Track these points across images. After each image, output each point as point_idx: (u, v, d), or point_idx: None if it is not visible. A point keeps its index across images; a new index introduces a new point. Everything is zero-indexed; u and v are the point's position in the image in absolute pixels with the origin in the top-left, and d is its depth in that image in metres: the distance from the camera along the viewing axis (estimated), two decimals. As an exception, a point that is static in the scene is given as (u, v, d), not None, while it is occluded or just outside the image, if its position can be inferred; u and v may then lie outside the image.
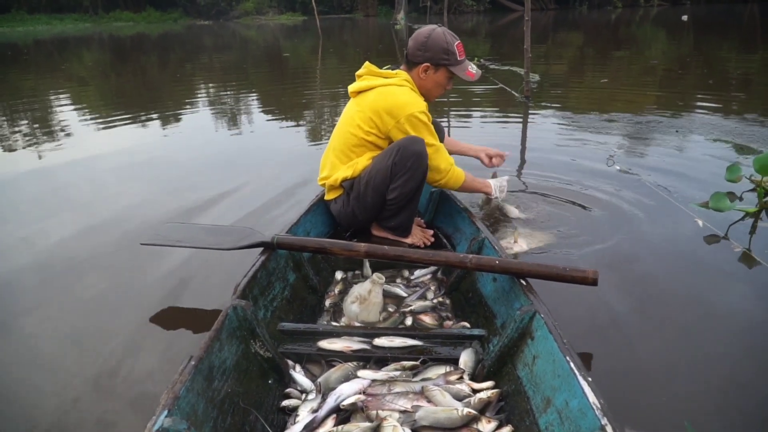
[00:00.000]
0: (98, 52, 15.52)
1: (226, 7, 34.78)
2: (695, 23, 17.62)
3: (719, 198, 2.52)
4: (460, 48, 1.98)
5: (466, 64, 2.01)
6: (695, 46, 11.29)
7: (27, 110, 6.31)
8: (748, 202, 2.64)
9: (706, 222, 2.42)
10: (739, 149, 3.56)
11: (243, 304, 1.33)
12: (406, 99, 1.92)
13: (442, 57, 1.95)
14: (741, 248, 2.21)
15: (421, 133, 1.92)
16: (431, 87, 2.02)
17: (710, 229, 2.37)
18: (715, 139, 3.85)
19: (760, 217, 2.52)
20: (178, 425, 0.98)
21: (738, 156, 3.39)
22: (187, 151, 4.29)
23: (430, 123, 1.96)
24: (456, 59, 1.97)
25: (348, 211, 2.06)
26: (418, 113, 1.90)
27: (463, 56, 1.99)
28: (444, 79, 2.01)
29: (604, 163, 3.36)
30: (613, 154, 3.56)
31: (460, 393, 1.27)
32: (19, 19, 31.00)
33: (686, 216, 2.52)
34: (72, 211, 2.95)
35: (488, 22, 24.36)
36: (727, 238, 2.31)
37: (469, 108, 5.61)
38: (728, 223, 2.45)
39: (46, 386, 1.55)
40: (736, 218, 2.51)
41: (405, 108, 1.90)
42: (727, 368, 1.54)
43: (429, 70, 1.98)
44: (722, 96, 5.51)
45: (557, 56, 10.55)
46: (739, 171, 2.78)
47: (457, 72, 1.98)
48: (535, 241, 2.28)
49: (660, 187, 2.89)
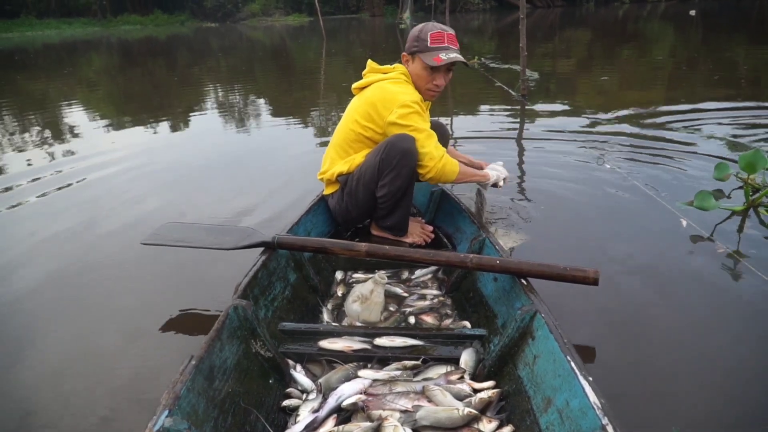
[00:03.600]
0: (106, 56, 15.66)
1: (233, 9, 34.95)
2: (704, 18, 17.46)
3: (704, 197, 2.47)
4: (435, 36, 1.92)
5: (437, 51, 1.91)
6: (703, 42, 11.19)
7: (36, 114, 6.38)
8: (737, 201, 2.60)
9: (691, 222, 2.37)
10: (732, 146, 3.51)
11: (244, 304, 1.33)
12: (398, 89, 1.93)
13: (413, 45, 1.96)
14: (725, 249, 2.15)
15: (411, 119, 1.89)
16: (416, 80, 2.01)
17: (695, 228, 2.33)
18: (709, 136, 3.81)
19: (748, 215, 2.47)
20: (179, 425, 0.98)
21: (730, 153, 3.33)
22: (194, 153, 4.31)
23: (422, 111, 1.93)
24: (425, 45, 1.92)
25: (342, 206, 2.08)
26: (410, 102, 1.89)
27: (438, 44, 1.92)
28: (421, 69, 1.96)
29: (594, 162, 3.34)
30: (605, 152, 3.53)
31: (460, 393, 1.27)
32: (29, 24, 31.33)
33: (671, 215, 2.48)
34: (76, 213, 2.97)
35: (494, 21, 24.31)
36: (711, 239, 2.26)
37: (465, 107, 5.60)
38: (715, 222, 2.40)
39: (44, 385, 1.56)
40: (724, 217, 2.46)
41: (397, 96, 1.90)
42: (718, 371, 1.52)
43: (408, 60, 2.00)
44: (726, 93, 5.44)
45: (562, 54, 10.49)
46: (727, 169, 2.72)
47: (424, 59, 1.92)
48: (510, 241, 2.27)
49: (648, 186, 2.86)
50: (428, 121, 1.98)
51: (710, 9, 22.70)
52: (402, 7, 27.80)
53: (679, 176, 3.02)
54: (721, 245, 2.19)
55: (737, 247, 2.19)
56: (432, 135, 1.93)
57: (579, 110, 5.03)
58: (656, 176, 3.03)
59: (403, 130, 1.89)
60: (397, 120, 1.88)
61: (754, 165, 2.56)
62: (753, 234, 2.33)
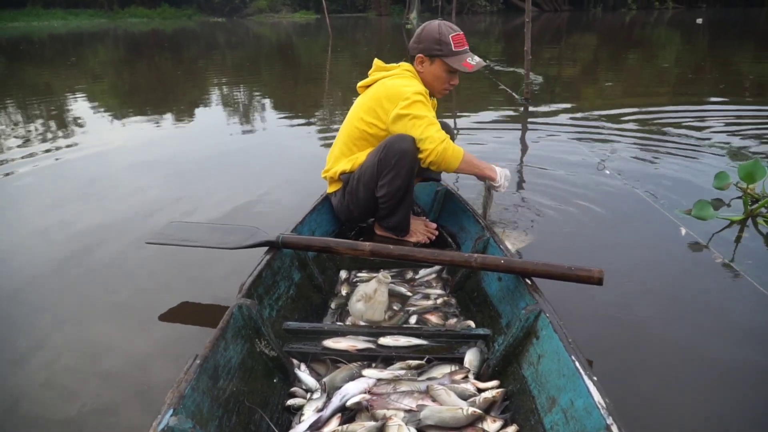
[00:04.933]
0: (112, 49, 15.64)
1: (240, 5, 34.95)
2: (710, 26, 17.42)
3: (702, 206, 2.45)
4: (456, 39, 1.94)
5: (465, 56, 1.95)
6: (709, 49, 11.17)
7: (41, 106, 6.37)
8: (737, 210, 2.59)
9: (690, 230, 2.36)
10: (734, 155, 3.50)
11: (248, 303, 1.33)
12: (402, 82, 1.94)
13: (434, 48, 1.94)
14: (722, 258, 2.14)
15: (413, 108, 1.87)
16: (431, 80, 2.01)
17: (693, 237, 2.32)
18: (711, 144, 3.80)
19: (746, 225, 2.46)
20: (184, 424, 0.98)
21: (732, 162, 3.32)
22: (198, 149, 4.30)
23: (426, 101, 1.91)
24: (450, 50, 1.93)
25: (344, 204, 2.08)
26: (413, 93, 1.88)
27: (461, 47, 1.95)
28: (442, 71, 1.97)
29: (594, 168, 3.33)
30: (606, 158, 3.52)
31: (465, 392, 1.27)
32: (35, 14, 31.24)
33: (671, 223, 2.46)
34: (80, 209, 2.97)
35: (501, 23, 24.29)
36: (709, 248, 2.25)
37: (468, 109, 5.60)
38: (714, 231, 2.40)
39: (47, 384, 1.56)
40: (723, 226, 2.45)
41: (401, 90, 1.90)
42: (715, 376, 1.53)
43: (425, 62, 1.98)
44: (731, 101, 5.44)
45: (568, 58, 10.49)
46: (727, 178, 2.71)
47: (451, 63, 1.94)
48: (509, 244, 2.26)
49: (648, 193, 2.84)
50: (433, 112, 1.96)
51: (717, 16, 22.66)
52: (409, 7, 27.76)
53: (680, 184, 3.01)
54: (718, 254, 2.18)
55: (734, 257, 2.18)
56: (434, 123, 1.90)
57: (582, 115, 5.03)
58: (657, 183, 3.02)
59: (404, 119, 1.88)
60: (399, 111, 1.88)
61: (753, 175, 2.55)
62: (750, 244, 2.33)
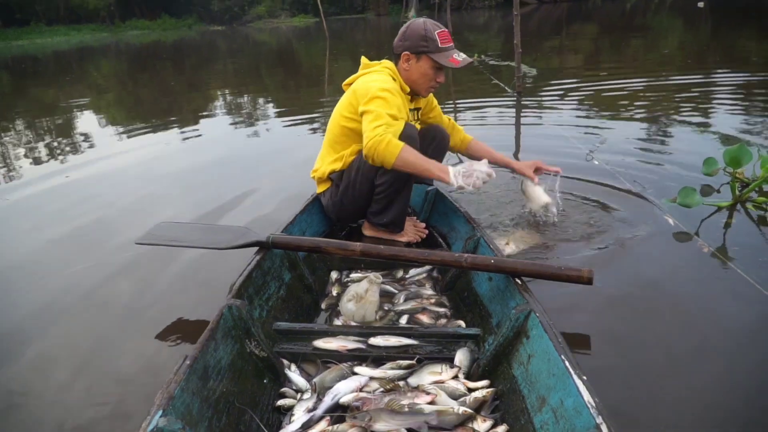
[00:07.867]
0: (115, 62, 15.79)
1: (240, 12, 35.17)
2: (712, 11, 17.22)
3: (687, 193, 2.37)
4: (442, 36, 1.95)
5: (451, 52, 1.96)
6: (712, 35, 11.04)
7: (47, 120, 6.46)
8: (727, 196, 2.53)
9: (677, 219, 2.31)
10: (725, 140, 3.44)
11: (238, 304, 1.34)
12: (373, 78, 1.95)
13: (421, 44, 1.94)
14: (708, 247, 2.09)
15: (373, 103, 1.83)
16: (417, 78, 2.00)
17: (680, 226, 2.27)
18: (703, 130, 3.75)
19: (736, 209, 2.41)
20: (173, 425, 0.99)
21: (721, 147, 3.24)
22: (191, 154, 4.34)
23: (391, 98, 1.85)
24: (437, 46, 1.94)
25: (336, 200, 2.09)
26: (377, 90, 1.85)
27: (447, 44, 1.96)
28: (428, 68, 1.97)
29: (582, 159, 3.28)
30: (594, 149, 3.48)
31: (455, 392, 1.28)
32: (38, 32, 31.72)
33: (658, 213, 2.42)
34: (73, 214, 3.00)
35: (500, 17, 24.15)
36: (697, 236, 2.20)
37: (460, 104, 5.58)
38: (702, 219, 2.34)
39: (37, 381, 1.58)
40: (712, 212, 2.40)
41: (369, 85, 1.89)
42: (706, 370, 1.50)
43: (411, 59, 1.98)
44: (729, 87, 5.37)
45: (565, 49, 10.41)
46: (715, 164, 2.64)
47: (438, 59, 1.94)
48: (525, 244, 2.23)
49: (636, 183, 2.78)
50: (402, 109, 1.91)
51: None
52: (407, 5, 27.76)
53: (669, 172, 2.96)
54: (704, 243, 2.13)
55: (722, 244, 2.13)
56: (381, 117, 1.79)
57: (574, 106, 4.99)
58: (646, 172, 2.97)
59: (365, 115, 1.85)
60: (362, 107, 1.87)
61: (738, 160, 2.47)
62: (739, 230, 2.27)
